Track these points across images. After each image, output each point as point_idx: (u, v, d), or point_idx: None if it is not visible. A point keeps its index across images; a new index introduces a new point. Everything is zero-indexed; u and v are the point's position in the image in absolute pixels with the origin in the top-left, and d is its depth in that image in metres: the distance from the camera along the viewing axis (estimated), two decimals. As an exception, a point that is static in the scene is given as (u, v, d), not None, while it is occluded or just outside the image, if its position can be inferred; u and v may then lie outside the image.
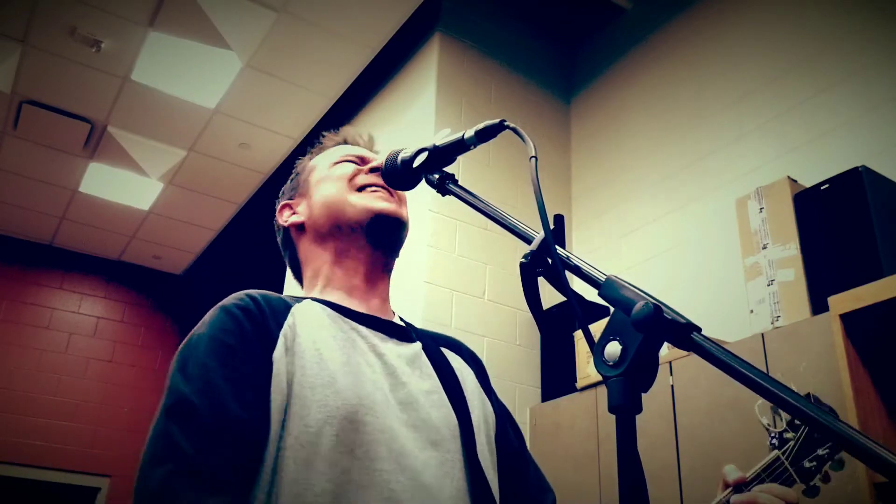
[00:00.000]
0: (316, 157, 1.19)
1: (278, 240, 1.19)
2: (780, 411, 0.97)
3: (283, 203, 1.17)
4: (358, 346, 0.97)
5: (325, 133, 1.23)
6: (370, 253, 1.07)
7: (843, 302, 1.87)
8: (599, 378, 2.57)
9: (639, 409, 0.60)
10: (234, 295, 0.96)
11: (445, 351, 1.10)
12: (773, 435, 1.01)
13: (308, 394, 0.87)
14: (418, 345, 1.05)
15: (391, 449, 0.88)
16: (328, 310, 1.00)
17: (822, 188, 2.30)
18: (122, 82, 4.22)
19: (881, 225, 2.13)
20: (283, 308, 0.96)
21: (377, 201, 1.06)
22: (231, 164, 4.95)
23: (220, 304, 0.95)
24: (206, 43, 3.87)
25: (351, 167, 1.11)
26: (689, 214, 3.16)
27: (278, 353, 0.89)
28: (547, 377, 3.23)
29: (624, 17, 3.91)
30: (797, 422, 0.99)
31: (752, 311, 2.35)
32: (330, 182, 1.10)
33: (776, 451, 0.99)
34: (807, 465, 0.99)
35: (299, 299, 1.02)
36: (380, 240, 1.07)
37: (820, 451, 0.99)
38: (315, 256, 1.10)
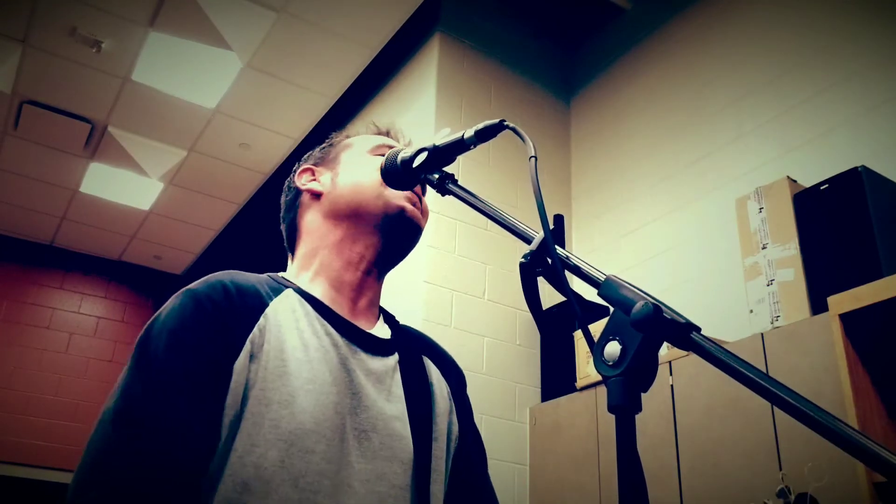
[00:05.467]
0: (353, 137, 1.18)
1: (283, 199, 1.16)
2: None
3: (305, 166, 1.14)
4: (328, 357, 0.93)
5: (374, 122, 1.22)
6: (377, 250, 1.05)
7: (843, 302, 1.87)
8: (599, 378, 2.57)
9: (638, 409, 0.61)
10: (206, 279, 0.92)
11: (426, 360, 1.07)
12: None
13: (263, 410, 0.84)
14: (395, 359, 1.01)
15: (334, 483, 0.85)
16: (307, 307, 0.96)
17: (821, 188, 2.30)
18: (122, 82, 4.22)
19: (881, 225, 2.14)
20: (258, 304, 0.92)
21: (406, 202, 1.05)
22: (231, 164, 4.95)
23: (190, 287, 0.90)
24: (207, 43, 3.87)
25: None
26: (689, 214, 3.16)
27: (240, 364, 0.85)
28: (547, 377, 3.23)
29: (623, 17, 3.91)
30: None
31: (751, 311, 2.35)
32: (365, 168, 1.08)
33: None
34: None
35: (280, 287, 0.98)
36: (393, 239, 1.05)
37: None
38: (319, 233, 1.06)
